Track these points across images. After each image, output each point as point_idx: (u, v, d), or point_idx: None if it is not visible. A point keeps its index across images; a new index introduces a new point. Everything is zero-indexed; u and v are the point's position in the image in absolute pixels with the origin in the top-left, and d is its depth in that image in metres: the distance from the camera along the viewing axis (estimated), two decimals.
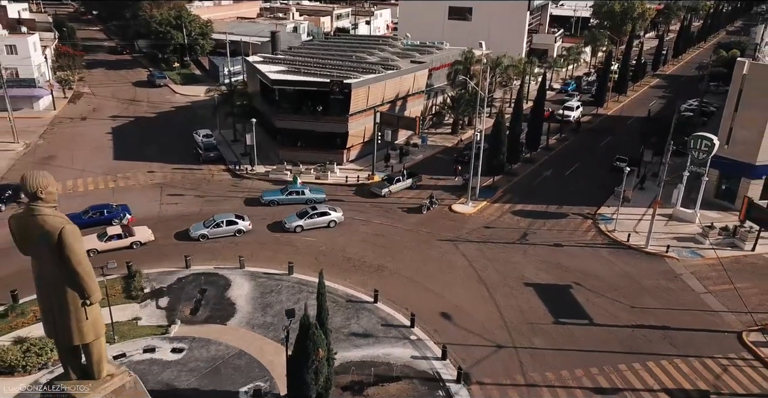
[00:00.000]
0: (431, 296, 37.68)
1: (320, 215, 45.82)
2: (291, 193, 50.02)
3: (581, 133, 70.85)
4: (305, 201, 49.43)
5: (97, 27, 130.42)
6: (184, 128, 66.58)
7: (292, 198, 49.65)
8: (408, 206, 49.92)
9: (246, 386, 28.65)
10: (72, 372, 23.19)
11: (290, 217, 45.98)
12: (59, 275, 21.08)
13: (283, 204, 49.26)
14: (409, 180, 53.43)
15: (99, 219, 44.45)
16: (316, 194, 50.37)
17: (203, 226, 43.79)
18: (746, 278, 40.83)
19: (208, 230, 43.42)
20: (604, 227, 47.63)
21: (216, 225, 43.57)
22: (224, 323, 33.81)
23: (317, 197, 50.07)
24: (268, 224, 46.20)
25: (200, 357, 30.57)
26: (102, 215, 44.79)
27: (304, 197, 49.89)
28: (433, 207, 49.38)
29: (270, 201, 49.64)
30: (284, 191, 50.28)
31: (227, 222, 43.85)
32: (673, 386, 30.88)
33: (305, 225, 45.26)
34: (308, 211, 46.18)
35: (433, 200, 49.64)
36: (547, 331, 34.90)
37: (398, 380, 30.15)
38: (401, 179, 53.07)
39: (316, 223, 45.72)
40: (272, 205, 49.44)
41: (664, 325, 35.68)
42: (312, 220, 45.56)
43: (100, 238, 41.35)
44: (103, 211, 45.13)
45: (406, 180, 53.25)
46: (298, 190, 50.33)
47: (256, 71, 61.11)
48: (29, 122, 66.84)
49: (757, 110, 47.71)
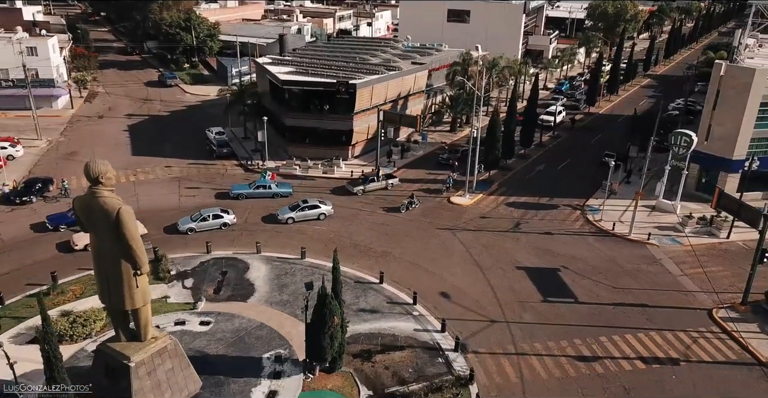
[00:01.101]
0: (431, 277, 41.40)
1: (311, 208, 49.01)
2: (258, 187, 52.76)
3: (573, 131, 74.57)
4: (272, 195, 52.28)
5: (105, 28, 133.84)
6: (196, 126, 70.19)
7: (259, 192, 52.41)
8: (387, 206, 52.54)
9: (268, 353, 32.34)
10: (122, 334, 27.06)
11: (283, 209, 49.25)
12: (115, 248, 24.95)
13: (251, 198, 51.98)
14: (384, 182, 55.66)
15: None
16: (283, 188, 53.15)
17: (190, 220, 46.45)
18: (719, 263, 44.64)
19: (195, 224, 46.08)
20: (592, 217, 51.38)
21: (203, 219, 46.27)
22: (245, 300, 37.50)
23: (283, 191, 52.86)
24: (263, 216, 49.56)
25: (226, 329, 34.26)
26: None
27: (271, 191, 52.65)
28: (411, 207, 51.56)
29: (238, 195, 52.22)
30: (252, 185, 53.08)
31: (213, 216, 46.71)
32: (647, 354, 34.63)
33: (296, 217, 48.48)
34: (300, 204, 49.35)
35: (412, 200, 51.93)
36: (536, 308, 38.64)
37: (402, 349, 33.85)
38: (375, 179, 55.43)
39: (307, 215, 48.83)
40: (240, 198, 52.01)
41: (642, 303, 39.42)
42: (303, 212, 48.78)
43: None
44: None
45: (380, 181, 55.51)
46: (265, 184, 53.05)
47: (265, 72, 64.73)
48: (49, 120, 70.42)
49: (733, 108, 51.38)
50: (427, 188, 56.10)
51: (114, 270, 25.33)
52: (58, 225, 45.90)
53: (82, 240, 42.23)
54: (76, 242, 43.05)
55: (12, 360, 25.19)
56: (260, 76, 69.52)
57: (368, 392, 30.36)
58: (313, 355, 30.41)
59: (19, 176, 55.08)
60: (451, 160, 60.49)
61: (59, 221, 46.14)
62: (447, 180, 55.24)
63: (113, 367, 26.68)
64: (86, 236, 42.25)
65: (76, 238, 43.30)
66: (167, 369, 27.56)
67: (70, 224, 44.76)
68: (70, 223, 44.58)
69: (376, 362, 32.69)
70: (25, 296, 37.40)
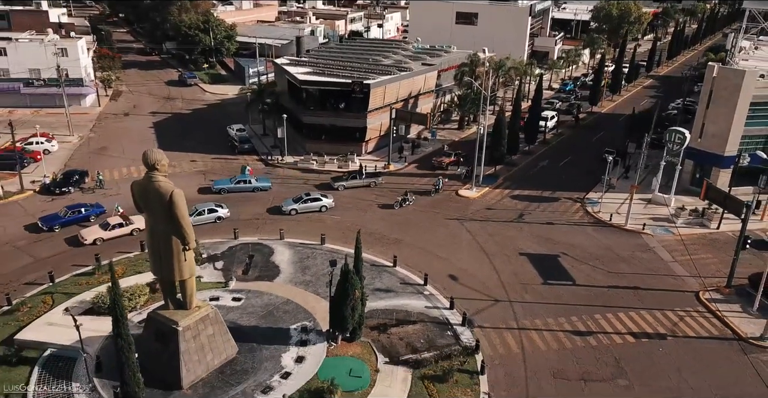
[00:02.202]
0: (441, 262, 45.01)
1: (313, 201, 52.39)
2: (239, 182, 55.63)
3: (576, 129, 77.95)
4: (252, 189, 55.20)
5: (123, 29, 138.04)
6: (217, 123, 74.07)
7: (240, 186, 55.32)
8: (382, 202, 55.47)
9: (295, 324, 36.04)
10: (170, 303, 30.94)
11: (287, 201, 52.66)
12: (167, 227, 28.82)
13: (233, 192, 54.76)
14: (368, 179, 58.04)
15: (78, 217, 48.58)
16: (262, 183, 56.11)
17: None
18: (708, 251, 48.06)
19: (191, 218, 49.21)
20: (591, 209, 54.84)
21: (198, 213, 48.77)
22: (271, 280, 41.22)
23: (263, 185, 55.81)
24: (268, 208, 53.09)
25: (256, 304, 38.00)
26: (80, 213, 48.80)
27: (251, 185, 55.45)
28: (405, 205, 53.98)
29: (220, 189, 55.01)
30: (233, 180, 55.89)
31: (208, 210, 49.55)
32: (637, 330, 38.12)
33: (299, 209, 51.80)
34: (302, 196, 52.68)
35: (406, 198, 54.60)
36: (537, 290, 42.19)
37: (415, 323, 37.47)
38: (357, 177, 58.06)
39: (309, 207, 52.08)
40: (222, 193, 54.72)
41: (635, 286, 42.91)
42: (305, 204, 52.11)
43: (103, 228, 46.43)
44: (80, 209, 49.05)
45: (363, 179, 57.99)
46: (245, 179, 55.95)
47: (284, 72, 68.53)
48: (79, 117, 74.37)
49: (724, 107, 54.70)
50: (449, 173, 59.62)
51: (166, 246, 29.10)
52: (52, 226, 47.36)
53: (91, 235, 45.53)
54: (85, 237, 45.75)
55: (78, 323, 28.98)
56: (278, 76, 73.33)
57: (385, 359, 33.98)
58: (336, 325, 34.09)
59: (56, 169, 59.03)
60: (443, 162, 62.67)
61: (52, 222, 47.59)
62: (437, 182, 57.53)
63: (163, 332, 30.44)
64: (95, 231, 45.97)
65: (84, 233, 46.09)
66: (209, 334, 31.32)
67: (63, 224, 47.49)
68: (64, 223, 47.51)
69: (392, 334, 36.31)
70: (72, 275, 41.30)
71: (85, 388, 30.73)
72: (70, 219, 48.30)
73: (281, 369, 32.20)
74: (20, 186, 54.28)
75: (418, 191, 57.04)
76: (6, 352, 33.02)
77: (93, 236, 45.81)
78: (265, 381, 31.30)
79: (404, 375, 32.71)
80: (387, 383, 32.06)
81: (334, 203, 53.24)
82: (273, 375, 31.70)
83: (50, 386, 31.01)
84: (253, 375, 31.68)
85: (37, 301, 38.00)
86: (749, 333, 37.84)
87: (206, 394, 30.25)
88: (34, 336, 34.20)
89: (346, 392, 30.77)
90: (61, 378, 31.50)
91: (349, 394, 30.83)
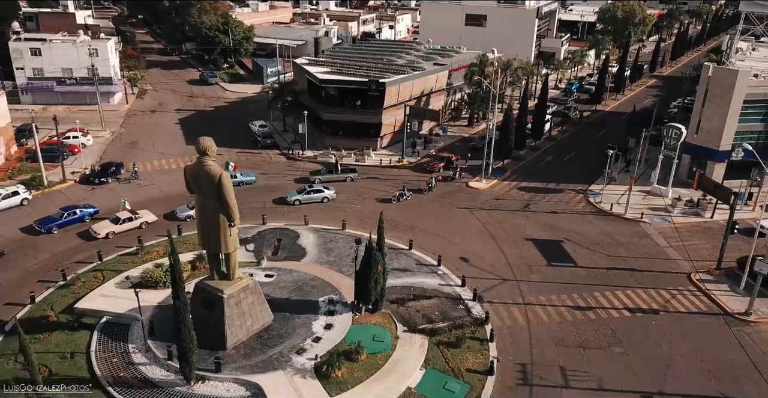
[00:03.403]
0: (453, 245, 48.88)
1: (316, 192, 55.97)
2: None
3: (581, 126, 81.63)
4: (237, 183, 56.53)
5: (142, 30, 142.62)
6: (239, 120, 78.19)
7: None
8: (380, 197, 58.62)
9: (322, 297, 39.99)
10: (216, 274, 35.04)
11: (291, 192, 56.30)
12: (215, 205, 32.88)
13: None
14: (344, 174, 60.68)
15: (74, 218, 49.79)
16: (247, 177, 59.20)
17: (187, 208, 51.29)
18: (702, 238, 51.71)
19: (192, 211, 50.19)
20: (593, 200, 58.58)
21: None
22: (299, 260, 45.19)
23: (248, 179, 58.89)
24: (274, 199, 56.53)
25: (286, 280, 41.98)
26: (76, 215, 49.95)
27: (237, 180, 57.34)
28: (402, 199, 56.52)
29: None
30: None
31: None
32: (632, 306, 41.86)
33: (303, 199, 55.37)
34: (306, 188, 56.30)
35: (403, 193, 57.51)
36: (542, 270, 46.01)
37: (430, 298, 41.34)
38: (333, 171, 60.76)
39: (312, 198, 55.55)
40: None
41: (631, 268, 46.63)
42: (308, 195, 55.63)
43: (114, 222, 48.68)
44: (75, 211, 50.21)
45: (338, 173, 60.63)
46: (230, 174, 57.23)
47: (303, 71, 72.59)
48: (108, 114, 78.62)
49: (719, 105, 58.28)
50: (443, 175, 63.34)
51: (214, 222, 33.11)
52: (50, 229, 48.42)
53: (104, 229, 48.06)
54: (98, 231, 47.94)
55: (137, 290, 33.01)
56: (298, 75, 77.41)
57: (404, 328, 37.84)
58: (360, 297, 38.02)
59: (93, 161, 63.27)
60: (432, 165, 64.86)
61: (48, 224, 48.60)
62: (429, 181, 59.87)
63: (210, 299, 34.43)
64: (106, 225, 48.69)
65: (96, 228, 48.31)
66: (249, 303, 35.32)
67: (61, 225, 48.79)
68: (61, 224, 48.80)
69: (409, 307, 40.19)
70: (118, 255, 45.45)
71: (140, 348, 34.81)
72: (67, 221, 49.24)
73: (312, 335, 36.17)
74: (62, 176, 58.53)
75: (414, 188, 59.72)
76: (68, 319, 37.18)
77: (105, 230, 48.04)
78: (299, 344, 35.28)
79: (421, 341, 36.58)
80: (406, 348, 35.94)
81: (335, 194, 56.59)
82: (305, 340, 35.67)
83: (109, 347, 35.08)
84: (288, 339, 35.67)
85: (89, 276, 42.19)
86: (735, 309, 41.51)
87: (247, 354, 34.27)
88: (91, 305, 38.33)
89: (370, 354, 34.67)
90: (117, 341, 35.58)
91: (373, 356, 34.71)
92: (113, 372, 33.17)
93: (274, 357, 34.10)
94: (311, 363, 33.58)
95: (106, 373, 33.06)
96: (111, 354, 34.56)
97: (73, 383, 32.25)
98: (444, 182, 61.15)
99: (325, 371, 32.71)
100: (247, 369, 33.13)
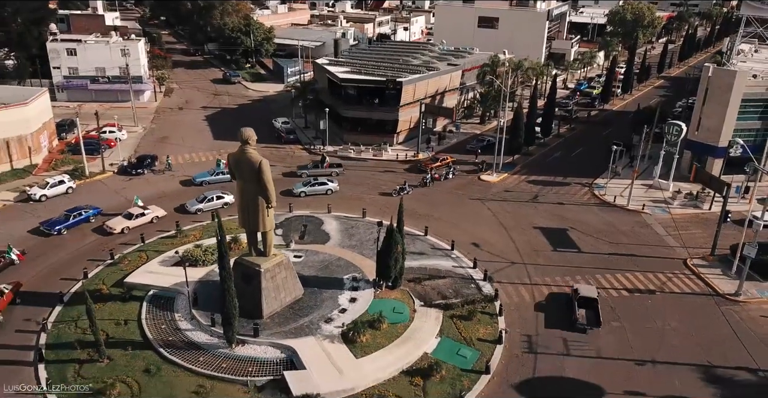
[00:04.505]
0: (465, 232, 52.67)
1: (320, 185, 59.49)
2: (218, 174, 60.74)
3: (588, 124, 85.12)
4: (230, 179, 60.00)
5: (165, 31, 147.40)
6: (262, 117, 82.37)
7: (218, 178, 60.30)
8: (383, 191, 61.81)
9: (347, 275, 43.97)
10: (253, 251, 39.13)
11: (297, 185, 59.88)
12: (255, 189, 36.97)
13: (214, 183, 59.97)
14: (330, 169, 63.49)
15: (80, 219, 51.52)
16: None
17: (197, 201, 54.68)
18: (699, 228, 55.17)
19: (203, 205, 54.38)
20: (597, 192, 62.16)
21: (209, 200, 54.86)
22: (324, 243, 49.22)
23: None
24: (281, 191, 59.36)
25: (314, 260, 46.00)
26: (81, 215, 51.66)
27: (227, 176, 57.71)
28: (403, 193, 59.04)
29: (202, 181, 60.38)
30: (212, 173, 61.29)
31: (216, 197, 55.46)
32: (631, 287, 45.49)
33: (308, 191, 58.90)
34: (310, 181, 59.82)
35: (403, 187, 60.49)
36: (548, 255, 49.73)
37: (444, 278, 45.18)
38: (319, 166, 63.89)
39: (316, 190, 58.80)
40: (204, 185, 59.91)
41: (631, 253, 50.23)
42: (313, 188, 59.07)
43: (127, 218, 51.32)
44: (81, 212, 51.87)
45: (323, 168, 63.66)
46: (223, 171, 59.88)
47: (324, 71, 76.70)
48: (138, 111, 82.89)
49: (718, 104, 61.63)
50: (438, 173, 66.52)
51: (253, 204, 37.18)
52: (59, 231, 49.91)
53: (119, 225, 50.50)
54: (114, 226, 50.41)
55: (186, 264, 37.12)
56: (318, 75, 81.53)
57: (420, 302, 41.71)
58: (382, 274, 41.97)
59: (128, 154, 67.70)
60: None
61: (56, 226, 50.03)
62: (404, 186, 60.35)
63: (248, 273, 38.47)
64: (121, 221, 51.16)
65: (112, 224, 50.70)
66: (283, 277, 39.36)
67: (69, 226, 50.35)
68: (69, 225, 50.37)
69: (425, 285, 44.05)
70: (158, 238, 49.72)
71: (185, 317, 38.97)
72: (74, 222, 50.97)
73: (338, 306, 40.16)
74: (102, 168, 63.00)
75: (414, 184, 62.92)
76: (120, 292, 41.47)
77: (121, 225, 50.60)
78: (327, 314, 39.28)
79: (436, 315, 40.44)
80: (423, 319, 39.82)
81: (338, 187, 60.25)
82: (332, 311, 39.67)
83: (157, 315, 39.27)
84: (317, 310, 39.69)
85: (135, 256, 46.48)
86: (726, 290, 45.04)
87: (281, 322, 38.31)
88: (139, 279, 42.61)
89: (391, 324, 38.58)
90: (165, 310, 39.79)
91: (393, 326, 38.61)
92: (163, 336, 37.34)
93: (305, 325, 38.13)
94: (338, 330, 37.57)
95: (156, 337, 37.24)
96: (159, 321, 38.75)
97: (128, 345, 36.52)
98: (438, 180, 63.99)
99: (351, 336, 36.69)
100: (281, 335, 37.17)
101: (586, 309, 41.23)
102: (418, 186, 62.44)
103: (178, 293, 41.16)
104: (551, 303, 43.09)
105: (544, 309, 42.41)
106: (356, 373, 34.40)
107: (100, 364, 35.18)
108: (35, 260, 46.44)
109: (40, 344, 36.99)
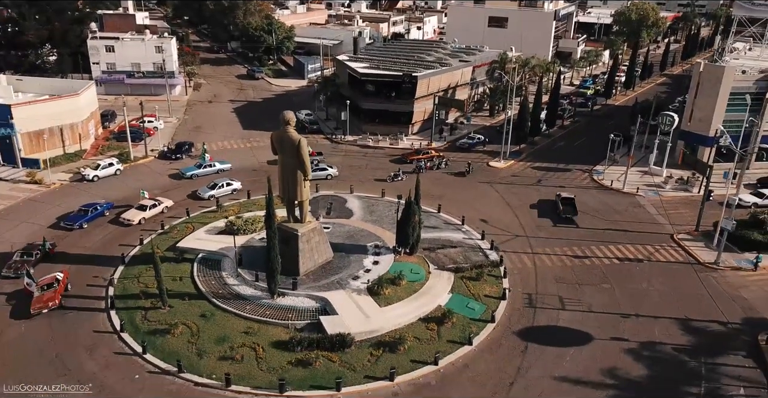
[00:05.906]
0: (474, 210, 58.55)
1: (320, 170, 64.44)
2: (205, 167, 64.56)
3: (591, 117, 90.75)
4: (216, 171, 63.99)
5: (188, 30, 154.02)
6: (286, 109, 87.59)
7: (206, 171, 64.12)
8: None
9: (370, 243, 50.02)
10: (291, 218, 45.26)
11: None
12: (294, 163, 43.00)
13: (203, 175, 63.48)
14: (323, 172, 64.83)
15: (97, 213, 54.39)
16: (224, 165, 65.48)
17: (208, 188, 58.79)
18: (687, 208, 60.61)
19: (214, 191, 58.50)
20: (596, 177, 67.83)
21: (219, 187, 59.06)
22: (348, 218, 55.30)
23: (224, 167, 65.25)
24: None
25: (340, 231, 52.07)
26: (98, 210, 54.58)
27: (215, 168, 64.33)
28: (397, 180, 64.05)
29: (192, 175, 63.62)
30: (199, 166, 64.84)
31: (226, 184, 59.85)
32: (621, 256, 51.21)
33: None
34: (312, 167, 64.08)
35: (397, 173, 65.58)
36: (549, 229, 55.54)
37: (455, 247, 51.07)
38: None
39: (317, 175, 62.10)
40: (194, 178, 63.23)
41: (624, 229, 55.89)
42: (313, 173, 60.93)
43: (141, 210, 54.57)
44: (96, 207, 54.78)
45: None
46: (209, 163, 64.84)
47: (345, 67, 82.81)
48: (172, 103, 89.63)
49: (708, 97, 67.05)
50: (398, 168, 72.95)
51: (292, 176, 43.30)
52: (81, 224, 52.73)
53: (137, 216, 53.75)
54: (132, 218, 53.47)
55: (234, 228, 43.18)
56: (339, 70, 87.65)
57: (434, 266, 47.64)
58: (400, 242, 47.96)
59: (166, 141, 74.11)
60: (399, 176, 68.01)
61: (77, 221, 52.88)
62: (398, 173, 65.28)
63: (287, 237, 44.48)
64: (136, 213, 54.61)
65: (128, 216, 53.78)
66: (316, 241, 45.47)
67: (89, 219, 53.14)
68: (89, 219, 53.14)
69: (439, 253, 49.93)
70: (201, 212, 56.00)
71: (232, 274, 45.17)
72: (92, 216, 53.96)
73: (364, 267, 46.22)
74: (145, 153, 69.46)
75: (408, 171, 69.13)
76: (173, 255, 47.74)
77: (138, 217, 53.82)
78: (354, 273, 45.37)
79: (449, 276, 46.38)
80: (437, 279, 45.77)
81: (337, 172, 65.45)
82: (358, 270, 45.75)
83: (207, 273, 45.49)
84: (345, 269, 45.78)
85: (182, 227, 52.77)
86: (706, 259, 50.62)
87: (315, 279, 44.41)
88: (189, 245, 48.90)
89: (409, 281, 44.56)
90: (213, 270, 46.00)
91: (411, 283, 44.59)
92: (213, 290, 43.52)
93: (335, 281, 44.23)
94: (364, 286, 43.61)
95: (208, 290, 43.44)
96: (210, 278, 44.95)
97: (185, 296, 42.77)
98: (430, 169, 68.96)
99: (375, 290, 42.72)
100: (316, 289, 43.28)
101: (565, 205, 56.30)
102: (412, 173, 66.38)
103: (223, 256, 47.34)
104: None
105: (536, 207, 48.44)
106: (380, 318, 40.43)
107: (163, 311, 41.42)
108: (70, 249, 49.66)
109: (109, 295, 43.34)
